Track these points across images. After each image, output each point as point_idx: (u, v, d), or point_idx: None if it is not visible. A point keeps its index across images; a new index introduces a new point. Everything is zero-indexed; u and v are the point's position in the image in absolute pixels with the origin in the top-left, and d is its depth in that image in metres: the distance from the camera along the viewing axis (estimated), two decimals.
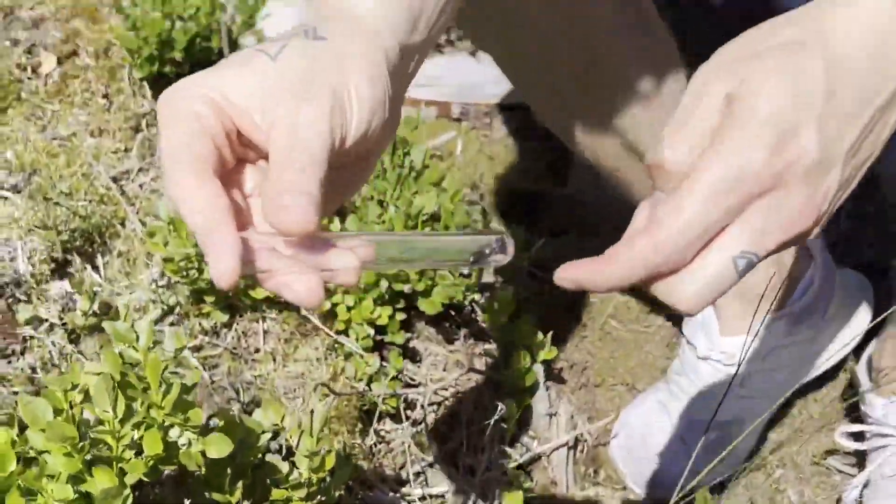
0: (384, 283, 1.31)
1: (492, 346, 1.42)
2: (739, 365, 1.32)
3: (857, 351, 1.46)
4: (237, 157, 0.66)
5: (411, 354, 1.39)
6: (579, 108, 1.24)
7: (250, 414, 0.95)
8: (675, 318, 1.60)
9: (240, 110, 0.63)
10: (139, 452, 0.80)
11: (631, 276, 0.62)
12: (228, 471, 0.87)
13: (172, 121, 0.62)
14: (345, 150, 0.65)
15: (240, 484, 0.87)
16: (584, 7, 1.13)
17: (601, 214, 1.71)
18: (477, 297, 1.39)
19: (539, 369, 1.38)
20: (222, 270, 0.58)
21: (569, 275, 0.64)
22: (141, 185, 1.45)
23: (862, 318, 1.44)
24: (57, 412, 0.79)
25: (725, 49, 0.64)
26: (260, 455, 0.91)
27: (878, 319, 1.18)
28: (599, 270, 0.62)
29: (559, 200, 1.71)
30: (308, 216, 0.59)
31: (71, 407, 0.79)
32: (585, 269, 0.63)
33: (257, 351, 1.31)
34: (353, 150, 0.66)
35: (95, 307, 1.24)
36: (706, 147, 0.61)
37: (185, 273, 1.23)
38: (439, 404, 1.37)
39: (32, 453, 0.78)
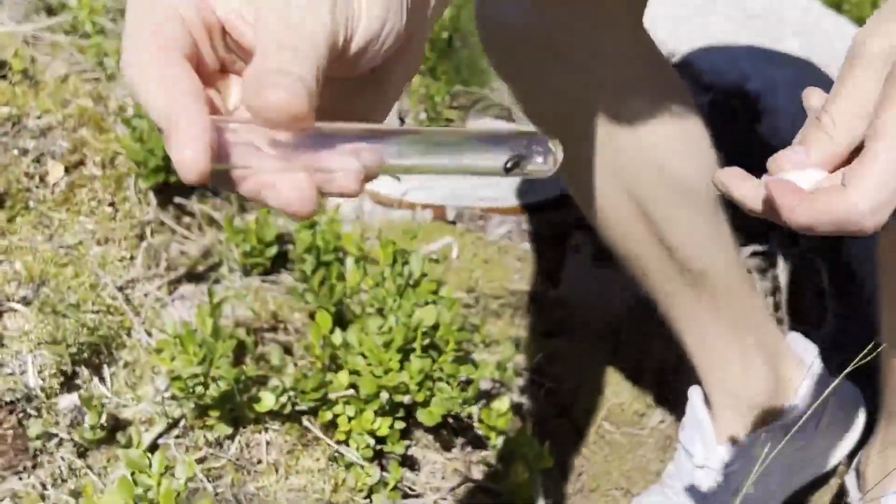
0: (384, 395, 1.34)
1: (490, 454, 1.45)
2: (733, 472, 1.36)
3: (850, 457, 1.49)
4: (221, 61, 0.56)
5: (410, 462, 1.42)
6: (614, 192, 1.28)
7: None
8: (669, 420, 1.64)
9: (224, 1, 0.54)
10: None
11: (818, 225, 0.63)
12: None
13: (140, 2, 0.53)
14: (351, 57, 0.56)
15: None
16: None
17: (593, 316, 1.75)
18: (473, 409, 1.42)
19: (536, 479, 1.41)
20: (187, 158, 0.47)
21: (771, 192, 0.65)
22: (146, 294, 1.49)
23: (854, 428, 1.48)
24: None
25: (882, 10, 0.67)
26: None
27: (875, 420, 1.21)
28: (791, 207, 0.64)
29: (552, 302, 1.75)
30: (298, 97, 0.49)
31: None
32: (788, 197, 0.64)
33: (260, 462, 1.33)
34: (361, 59, 0.56)
35: (103, 420, 1.26)
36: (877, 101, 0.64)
37: (191, 390, 1.26)
38: None
39: None
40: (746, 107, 1.96)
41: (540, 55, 1.16)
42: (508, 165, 0.56)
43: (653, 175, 1.23)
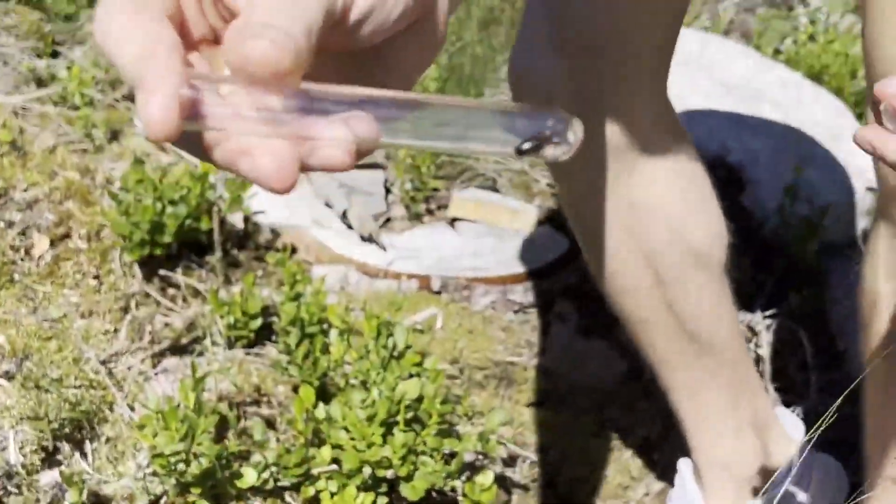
0: (367, 470, 1.34)
1: None
2: None
3: None
4: (213, 31, 0.51)
5: None
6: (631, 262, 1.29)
7: None
8: (654, 493, 1.63)
9: None
10: None
11: None
12: None
13: None
14: (352, 26, 0.50)
15: None
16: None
17: (578, 387, 1.75)
18: (457, 483, 1.42)
19: None
20: (154, 111, 0.42)
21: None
22: (129, 368, 1.49)
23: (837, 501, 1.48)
24: None
25: None
26: None
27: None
28: None
29: (537, 373, 1.76)
30: (282, 51, 0.44)
31: None
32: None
33: None
34: (363, 30, 0.50)
35: (84, 497, 1.26)
36: None
37: (173, 467, 1.25)
38: None
39: None
40: (729, 178, 1.98)
41: (567, 106, 1.18)
42: (524, 147, 0.48)
43: (665, 234, 1.25)
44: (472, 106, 0.49)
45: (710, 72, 2.27)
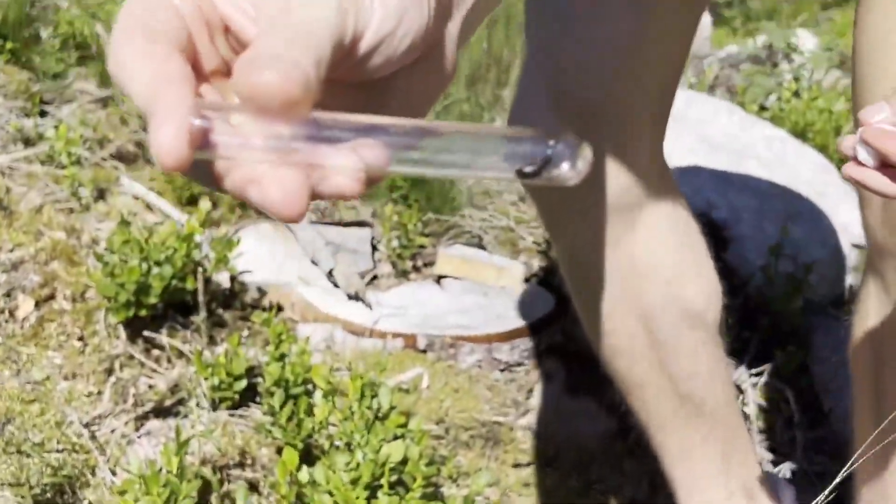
0: None
1: None
2: None
3: None
4: (224, 62, 0.52)
5: None
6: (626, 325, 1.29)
7: None
8: None
9: None
10: None
11: None
12: None
13: None
14: (361, 57, 0.50)
15: None
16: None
17: (564, 447, 1.75)
18: None
19: None
20: (165, 141, 0.43)
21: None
22: (112, 430, 1.48)
23: None
24: None
25: None
26: None
27: None
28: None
29: (523, 432, 1.75)
30: (290, 81, 0.44)
31: None
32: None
33: None
34: (373, 61, 0.51)
35: None
36: None
37: None
38: None
39: None
40: (714, 235, 1.99)
41: None
42: (530, 171, 0.48)
43: (661, 293, 1.25)
44: (480, 132, 0.49)
45: (696, 129, 2.29)
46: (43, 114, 2.18)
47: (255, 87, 0.44)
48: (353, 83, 0.52)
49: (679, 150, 2.20)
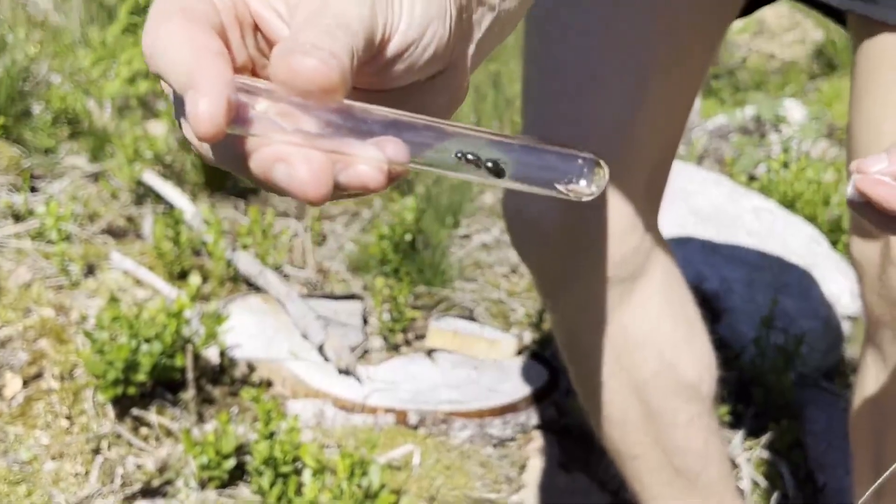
0: None
1: None
2: None
3: None
4: (251, 61, 0.53)
5: None
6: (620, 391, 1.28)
7: None
8: None
9: None
10: None
11: None
12: None
13: None
14: (387, 61, 0.52)
15: None
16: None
17: None
18: None
19: None
20: (203, 109, 0.44)
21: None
22: None
23: None
24: None
25: None
26: None
27: None
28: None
29: None
30: (329, 68, 0.46)
31: None
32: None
33: None
34: (397, 67, 0.53)
35: None
36: None
37: None
38: None
39: None
40: (705, 307, 1.98)
41: (562, 240, 1.20)
42: (545, 181, 0.50)
43: (656, 365, 1.25)
44: (503, 140, 0.51)
45: (685, 200, 2.30)
46: (33, 189, 2.18)
47: (296, 73, 0.46)
48: (372, 91, 0.54)
49: (668, 221, 2.21)
